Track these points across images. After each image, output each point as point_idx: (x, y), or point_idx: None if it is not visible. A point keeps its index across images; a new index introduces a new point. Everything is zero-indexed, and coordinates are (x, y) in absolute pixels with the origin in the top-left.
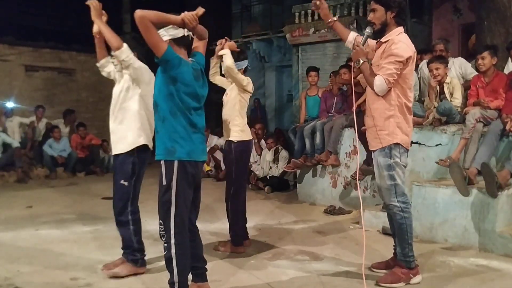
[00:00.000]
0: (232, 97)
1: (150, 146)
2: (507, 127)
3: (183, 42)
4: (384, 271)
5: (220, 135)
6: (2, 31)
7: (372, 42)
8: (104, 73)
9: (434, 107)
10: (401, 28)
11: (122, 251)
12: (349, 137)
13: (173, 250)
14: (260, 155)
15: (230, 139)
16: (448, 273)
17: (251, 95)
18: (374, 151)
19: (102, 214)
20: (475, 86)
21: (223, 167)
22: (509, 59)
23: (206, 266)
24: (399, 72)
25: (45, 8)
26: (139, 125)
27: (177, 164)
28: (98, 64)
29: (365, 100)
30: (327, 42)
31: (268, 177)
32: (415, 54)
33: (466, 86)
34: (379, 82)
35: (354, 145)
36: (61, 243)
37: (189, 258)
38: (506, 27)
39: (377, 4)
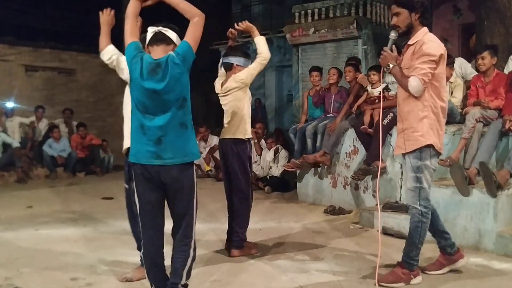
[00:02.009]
0: (235, 92)
1: None
2: (506, 126)
3: (153, 39)
4: (438, 272)
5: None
6: (2, 31)
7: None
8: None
9: None
10: (426, 28)
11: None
12: (349, 137)
13: (142, 250)
14: (260, 155)
15: (238, 137)
16: (448, 273)
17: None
18: (405, 154)
19: (102, 214)
20: (475, 86)
21: None
22: (509, 59)
23: (181, 283)
24: (433, 72)
25: (45, 8)
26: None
27: (132, 166)
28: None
29: (364, 101)
30: (327, 42)
31: (268, 177)
32: (446, 52)
33: (466, 86)
34: (414, 83)
35: (354, 145)
36: (61, 243)
37: (153, 262)
38: (506, 27)
39: (400, 8)
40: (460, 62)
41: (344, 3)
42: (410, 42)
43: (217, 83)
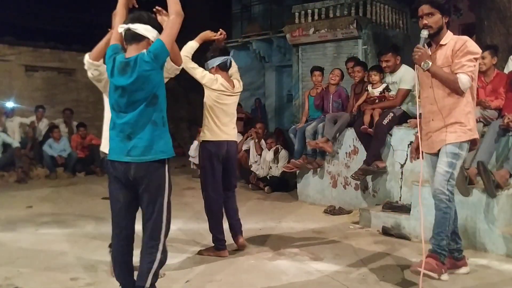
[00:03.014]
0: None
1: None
2: (505, 121)
3: (125, 39)
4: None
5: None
6: (2, 31)
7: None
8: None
9: None
10: (449, 31)
11: None
12: (349, 137)
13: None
14: (260, 155)
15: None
16: (448, 273)
17: (219, 93)
18: (447, 144)
19: (102, 214)
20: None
21: None
22: (509, 59)
23: (145, 286)
24: (476, 69)
25: (45, 8)
26: None
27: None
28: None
29: (364, 101)
30: (327, 42)
31: (268, 177)
32: None
33: None
34: (465, 79)
35: (354, 145)
36: (61, 243)
37: (118, 261)
38: (506, 27)
39: (434, 9)
40: None
41: (344, 3)
42: (442, 42)
43: (220, 81)
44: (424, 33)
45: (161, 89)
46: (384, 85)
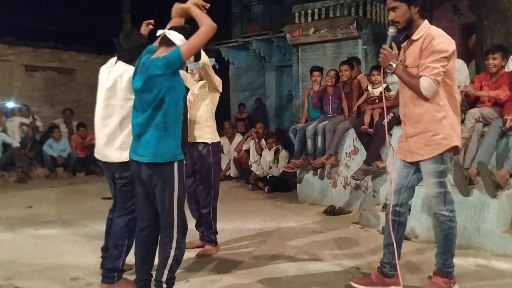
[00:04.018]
0: (202, 96)
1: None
2: (507, 125)
3: (160, 41)
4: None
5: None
6: (2, 31)
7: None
8: None
9: None
10: (427, 21)
11: None
12: (349, 137)
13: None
14: (260, 155)
15: (204, 141)
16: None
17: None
18: (422, 160)
19: (102, 214)
20: (480, 82)
21: (222, 167)
22: (509, 59)
23: (162, 280)
24: (445, 70)
25: (45, 8)
26: None
27: None
28: None
29: (364, 101)
30: (327, 42)
31: (268, 177)
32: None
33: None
34: (427, 84)
35: (354, 145)
36: (61, 243)
37: (140, 253)
38: (506, 27)
39: (397, 1)
40: (458, 66)
41: (344, 3)
42: (414, 38)
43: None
44: (391, 30)
45: (169, 95)
46: (384, 85)
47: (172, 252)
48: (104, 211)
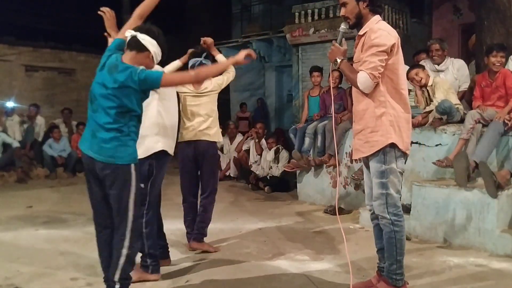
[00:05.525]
0: (213, 95)
1: (170, 151)
2: (510, 124)
3: (128, 43)
4: None
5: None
6: (2, 31)
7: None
8: None
9: (424, 109)
10: (378, 17)
11: None
12: (349, 137)
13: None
14: (260, 155)
15: (216, 140)
16: (448, 273)
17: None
18: (368, 158)
19: None
20: (479, 86)
21: (222, 167)
22: (509, 59)
23: (114, 279)
24: (384, 64)
25: (45, 8)
26: (157, 130)
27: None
28: None
29: None
30: (327, 42)
31: (268, 177)
32: (399, 40)
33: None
34: (363, 78)
35: None
36: (61, 243)
37: (101, 258)
38: (506, 27)
39: None
40: (459, 65)
41: None
42: (360, 33)
43: None
44: (342, 27)
45: (137, 104)
46: None
47: (125, 251)
48: None
